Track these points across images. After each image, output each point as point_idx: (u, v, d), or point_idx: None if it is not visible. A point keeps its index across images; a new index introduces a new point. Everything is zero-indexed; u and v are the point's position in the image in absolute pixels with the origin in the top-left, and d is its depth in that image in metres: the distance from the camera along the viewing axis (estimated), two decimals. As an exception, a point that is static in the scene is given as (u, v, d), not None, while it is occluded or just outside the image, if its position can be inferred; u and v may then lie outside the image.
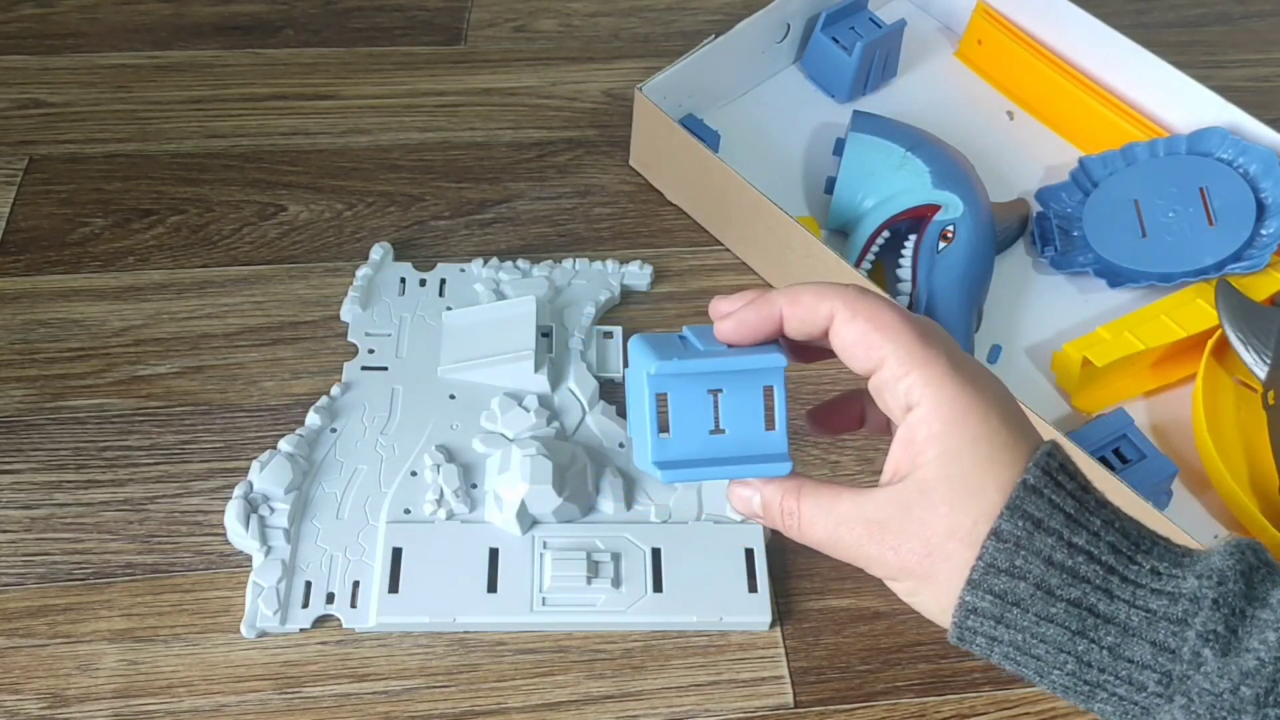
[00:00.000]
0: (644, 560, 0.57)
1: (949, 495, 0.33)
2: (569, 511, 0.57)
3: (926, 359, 0.34)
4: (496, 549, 0.57)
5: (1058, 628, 0.32)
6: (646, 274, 0.69)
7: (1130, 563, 0.32)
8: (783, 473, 0.37)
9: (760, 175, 0.67)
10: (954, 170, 0.69)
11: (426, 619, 0.54)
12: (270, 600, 0.54)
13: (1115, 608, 0.31)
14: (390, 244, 0.69)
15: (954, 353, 0.35)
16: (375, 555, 0.56)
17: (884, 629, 0.56)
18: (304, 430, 0.60)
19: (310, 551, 0.56)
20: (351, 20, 0.84)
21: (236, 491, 0.56)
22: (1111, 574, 0.32)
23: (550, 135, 0.77)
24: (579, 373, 0.63)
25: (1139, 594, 0.31)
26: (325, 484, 0.58)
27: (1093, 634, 0.32)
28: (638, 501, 0.59)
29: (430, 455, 0.59)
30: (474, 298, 0.66)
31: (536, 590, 0.55)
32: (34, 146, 0.74)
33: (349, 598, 0.55)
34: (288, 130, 0.76)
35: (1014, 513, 0.32)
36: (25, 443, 0.60)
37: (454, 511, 0.57)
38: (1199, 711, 0.30)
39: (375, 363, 0.63)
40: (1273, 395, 0.61)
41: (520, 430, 0.60)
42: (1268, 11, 0.91)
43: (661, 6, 0.87)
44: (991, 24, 0.79)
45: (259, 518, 0.56)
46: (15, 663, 0.53)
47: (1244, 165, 0.69)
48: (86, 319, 0.66)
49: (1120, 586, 0.32)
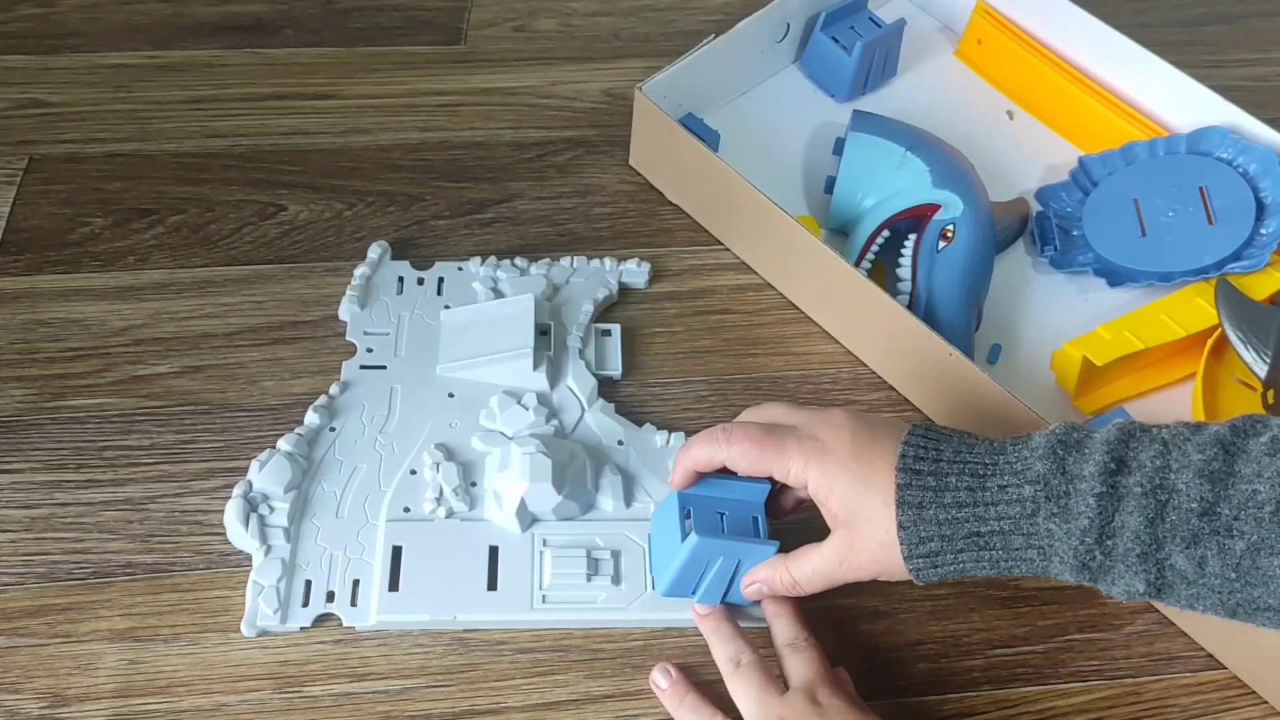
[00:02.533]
0: (644, 557, 0.57)
1: (863, 516, 0.48)
2: (569, 509, 0.57)
3: (786, 458, 0.50)
4: (496, 547, 0.57)
5: (967, 555, 0.46)
6: (644, 271, 0.69)
7: (983, 488, 0.46)
8: (772, 549, 0.52)
9: (760, 175, 0.67)
10: (954, 170, 0.69)
11: (427, 617, 0.54)
12: (270, 599, 0.54)
13: (991, 525, 0.46)
14: (389, 243, 0.69)
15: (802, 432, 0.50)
16: (375, 554, 0.56)
17: (884, 629, 0.56)
18: (303, 429, 0.60)
19: (310, 550, 0.56)
20: (351, 20, 0.84)
21: (236, 491, 0.56)
22: (978, 504, 0.46)
23: (550, 135, 0.77)
24: (577, 370, 0.63)
25: (1000, 509, 0.45)
26: (325, 483, 0.58)
27: (986, 544, 0.46)
28: (637, 499, 0.59)
29: (429, 453, 0.59)
30: (472, 296, 0.66)
31: (537, 588, 0.55)
32: (34, 146, 0.74)
33: (349, 596, 0.55)
34: (288, 130, 0.76)
35: (903, 489, 0.47)
36: (25, 442, 0.60)
37: (454, 510, 0.58)
38: (1069, 562, 0.45)
39: (374, 361, 0.63)
40: (1272, 395, 0.61)
41: (519, 428, 0.60)
42: (1267, 11, 0.91)
43: (661, 6, 0.87)
44: (991, 23, 0.79)
45: (259, 517, 0.56)
46: (15, 662, 0.53)
47: (1244, 164, 0.69)
48: (86, 319, 0.66)
49: (986, 509, 0.46)
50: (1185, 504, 0.42)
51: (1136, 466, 0.43)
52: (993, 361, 0.66)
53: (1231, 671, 0.56)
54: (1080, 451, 0.45)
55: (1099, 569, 0.44)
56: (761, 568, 0.52)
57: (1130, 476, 0.43)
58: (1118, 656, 0.56)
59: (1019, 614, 0.57)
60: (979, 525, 0.46)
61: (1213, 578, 0.42)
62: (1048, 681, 0.55)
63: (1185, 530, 0.42)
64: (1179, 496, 0.42)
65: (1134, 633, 0.57)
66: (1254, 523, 0.41)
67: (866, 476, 0.48)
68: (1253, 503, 0.41)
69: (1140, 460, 0.43)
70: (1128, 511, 0.43)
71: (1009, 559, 0.46)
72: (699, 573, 0.53)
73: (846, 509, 0.48)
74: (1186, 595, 0.44)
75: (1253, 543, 0.41)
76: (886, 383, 0.66)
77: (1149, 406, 0.64)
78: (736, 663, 0.51)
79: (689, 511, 0.53)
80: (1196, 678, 0.56)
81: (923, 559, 0.47)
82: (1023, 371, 0.65)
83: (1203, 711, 0.55)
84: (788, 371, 0.66)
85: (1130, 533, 0.43)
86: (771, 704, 0.49)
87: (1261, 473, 0.41)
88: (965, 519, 0.46)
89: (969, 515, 0.46)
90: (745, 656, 0.51)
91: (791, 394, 0.65)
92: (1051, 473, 0.45)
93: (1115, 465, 0.44)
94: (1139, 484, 0.43)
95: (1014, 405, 0.57)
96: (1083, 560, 0.44)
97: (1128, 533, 0.43)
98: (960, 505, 0.46)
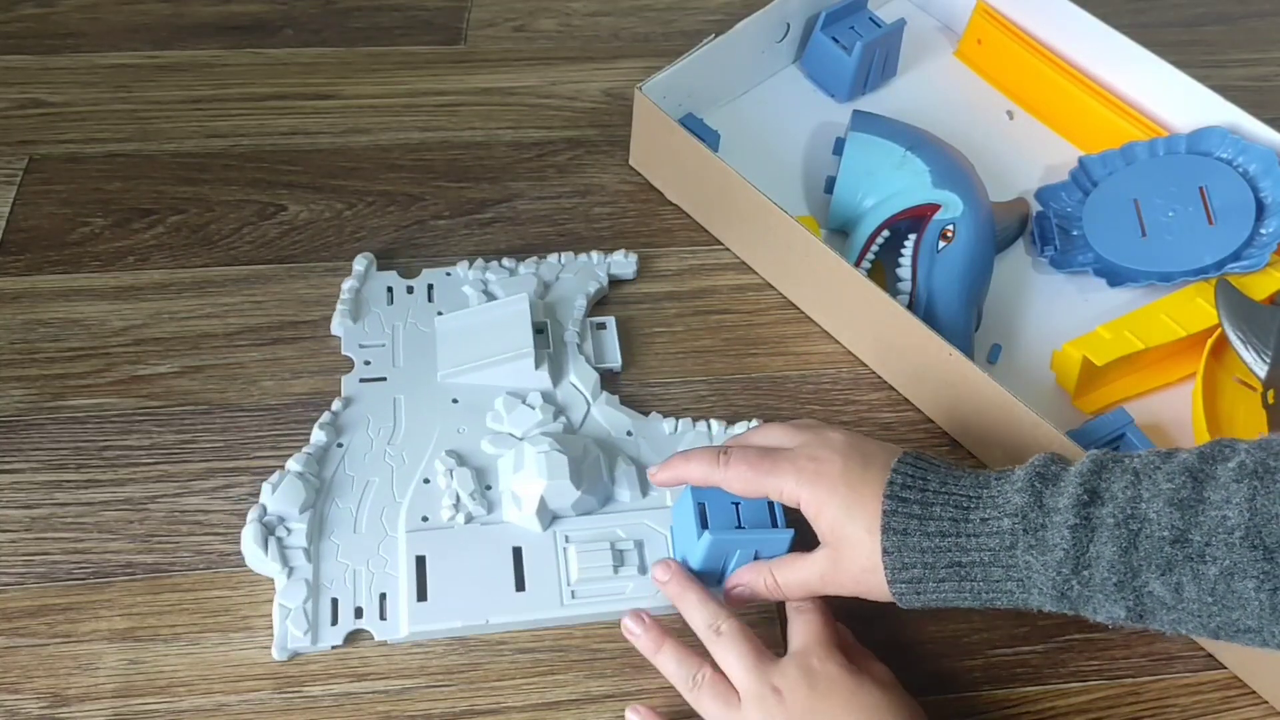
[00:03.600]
0: (667, 544, 0.57)
1: (849, 539, 0.49)
2: (588, 503, 0.57)
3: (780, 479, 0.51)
4: (519, 548, 0.57)
5: (949, 584, 0.47)
6: (631, 262, 0.69)
7: (966, 519, 0.47)
8: (788, 537, 0.53)
9: (760, 175, 0.67)
10: (954, 170, 0.69)
11: (460, 623, 0.54)
12: (299, 621, 0.53)
13: (972, 556, 0.46)
14: (385, 247, 0.69)
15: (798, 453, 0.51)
16: (399, 566, 0.56)
17: (884, 629, 0.56)
18: (311, 448, 0.59)
19: (333, 568, 0.55)
20: (351, 20, 0.84)
21: (250, 515, 0.56)
22: (960, 535, 0.47)
23: (550, 135, 0.77)
24: (578, 366, 0.63)
25: (981, 540, 0.46)
26: (339, 500, 0.58)
27: (968, 574, 0.47)
28: (653, 487, 0.59)
29: (441, 461, 0.59)
30: (463, 300, 0.66)
31: (565, 584, 0.55)
32: (34, 146, 0.74)
33: (377, 610, 0.54)
34: (287, 130, 0.76)
35: (889, 515, 0.48)
36: (25, 442, 0.60)
37: (472, 515, 0.57)
38: (1048, 593, 0.45)
39: (373, 374, 0.63)
40: (1272, 394, 0.61)
41: (528, 428, 0.60)
42: (1267, 11, 0.91)
43: (661, 6, 0.87)
44: (991, 23, 0.79)
45: (276, 540, 0.55)
46: (15, 662, 0.53)
47: (1243, 164, 0.69)
48: (86, 318, 0.66)
49: (968, 540, 0.46)
50: (1157, 532, 0.43)
51: (1109, 497, 0.44)
52: (993, 361, 0.66)
53: (1231, 671, 0.56)
54: (1056, 484, 0.46)
55: (1078, 598, 0.45)
56: (745, 570, 0.53)
57: (1103, 507, 0.44)
58: (1117, 656, 0.56)
59: (1019, 614, 0.57)
60: (960, 555, 0.47)
61: (1190, 602, 0.43)
62: (1047, 681, 0.55)
63: (1159, 558, 0.43)
64: (1150, 525, 0.43)
65: (1133, 632, 0.57)
66: (1225, 548, 0.42)
67: (854, 501, 0.49)
68: (1222, 528, 0.42)
69: (1112, 491, 0.44)
70: (1102, 542, 0.44)
71: (989, 590, 0.47)
72: (719, 565, 0.54)
73: (834, 531, 0.49)
74: (1168, 620, 0.44)
75: (1225, 567, 0.42)
76: (886, 383, 0.66)
77: (1149, 406, 0.64)
78: (716, 630, 0.51)
79: (703, 506, 0.53)
80: (1196, 677, 0.56)
81: (905, 584, 0.48)
82: (1023, 371, 0.65)
83: (1203, 711, 0.55)
84: (788, 371, 0.66)
85: (1105, 562, 0.44)
86: (768, 672, 0.49)
87: (1230, 499, 0.42)
88: (948, 548, 0.47)
89: (951, 545, 0.47)
90: (723, 623, 0.51)
91: (791, 394, 0.65)
92: (1029, 505, 0.46)
93: (1088, 497, 0.45)
94: (1111, 515, 0.44)
95: (1014, 405, 0.57)
96: (1061, 590, 0.45)
97: (1103, 562, 0.44)
98: (943, 535, 0.47)
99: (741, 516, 0.53)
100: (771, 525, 0.53)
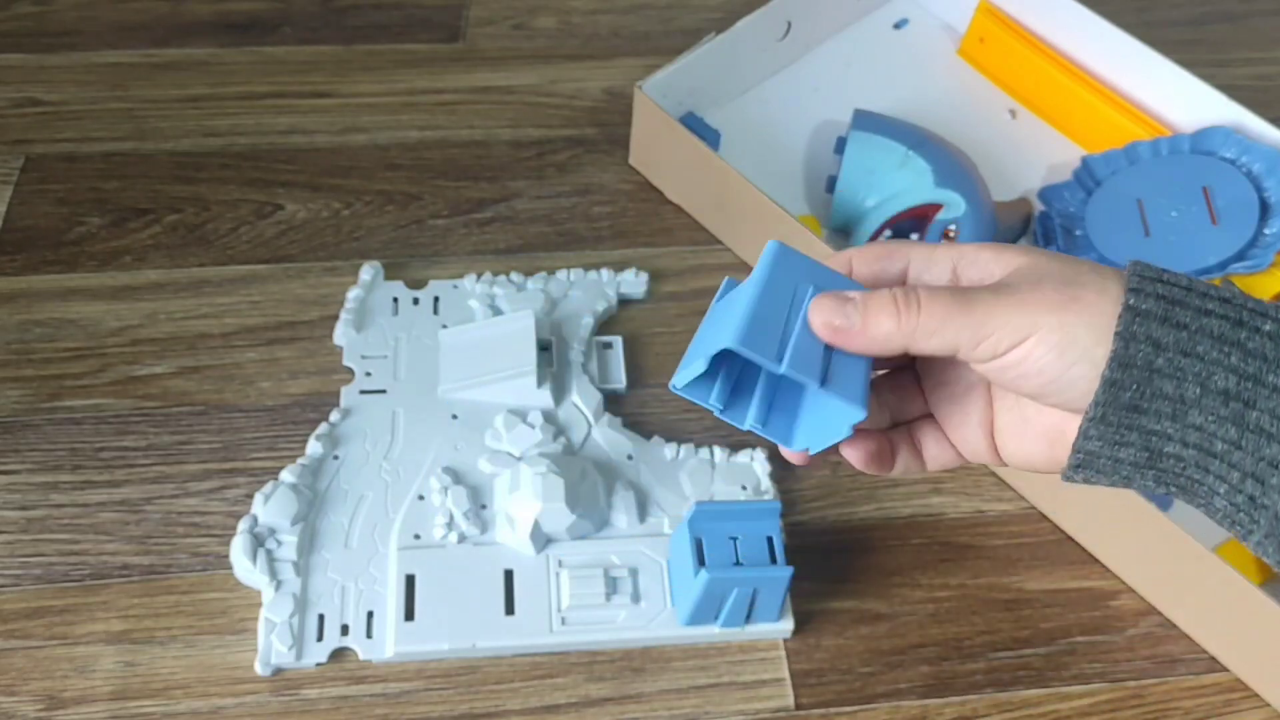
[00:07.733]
0: (662, 574, 0.56)
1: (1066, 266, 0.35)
2: (583, 528, 0.56)
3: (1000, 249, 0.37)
4: (511, 570, 0.56)
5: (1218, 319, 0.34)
6: (642, 282, 0.68)
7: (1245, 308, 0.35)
8: (786, 575, 0.52)
9: (761, 174, 0.67)
10: (956, 169, 0.69)
11: (446, 646, 0.54)
12: (284, 636, 0.53)
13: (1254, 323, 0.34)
14: (387, 250, 0.68)
15: None
16: (388, 583, 0.55)
17: (885, 631, 0.56)
18: (306, 459, 0.58)
19: (321, 583, 0.55)
20: (349, 18, 0.84)
21: (241, 525, 0.55)
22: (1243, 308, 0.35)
23: (549, 134, 0.77)
24: (582, 386, 0.62)
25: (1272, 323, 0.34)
26: (331, 513, 0.57)
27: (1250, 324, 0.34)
28: (650, 514, 0.58)
29: (437, 478, 0.58)
30: (469, 314, 0.65)
31: (555, 610, 0.55)
32: (30, 145, 0.74)
33: (364, 629, 0.54)
34: (285, 129, 0.76)
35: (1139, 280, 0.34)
36: (21, 443, 0.60)
37: (465, 534, 0.57)
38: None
39: (373, 386, 0.62)
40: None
41: (527, 448, 0.59)
42: (1272, 10, 0.90)
43: (661, 4, 0.87)
44: (994, 22, 0.78)
45: (266, 552, 0.55)
46: (11, 664, 0.53)
47: (1248, 164, 0.68)
48: (83, 319, 0.65)
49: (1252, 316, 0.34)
50: None
51: None
52: (995, 362, 0.65)
53: (1235, 674, 0.55)
54: None
55: None
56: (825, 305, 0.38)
57: None
58: (1120, 659, 0.56)
59: (1021, 616, 0.57)
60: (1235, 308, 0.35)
61: None
62: (1050, 684, 0.55)
63: None
64: None
65: (1137, 635, 0.56)
66: None
67: None
68: None
69: None
70: None
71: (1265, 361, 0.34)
72: (717, 603, 0.53)
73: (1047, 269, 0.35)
74: None
75: None
76: (888, 383, 0.65)
77: (1152, 407, 0.64)
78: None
79: (700, 543, 0.53)
80: (1200, 680, 0.55)
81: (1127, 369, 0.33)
82: (1025, 372, 0.65)
83: (1206, 714, 0.54)
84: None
85: None
86: None
87: None
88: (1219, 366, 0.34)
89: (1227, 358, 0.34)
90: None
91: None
92: None
93: None
94: None
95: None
96: None
97: None
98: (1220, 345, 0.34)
99: (740, 553, 0.53)
100: (770, 562, 0.53)
